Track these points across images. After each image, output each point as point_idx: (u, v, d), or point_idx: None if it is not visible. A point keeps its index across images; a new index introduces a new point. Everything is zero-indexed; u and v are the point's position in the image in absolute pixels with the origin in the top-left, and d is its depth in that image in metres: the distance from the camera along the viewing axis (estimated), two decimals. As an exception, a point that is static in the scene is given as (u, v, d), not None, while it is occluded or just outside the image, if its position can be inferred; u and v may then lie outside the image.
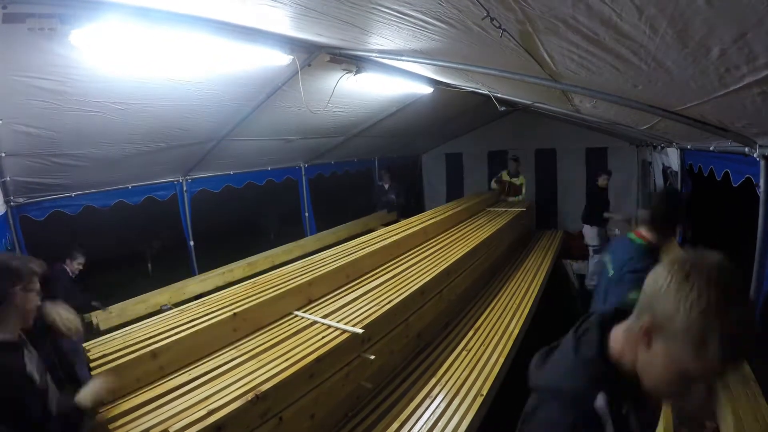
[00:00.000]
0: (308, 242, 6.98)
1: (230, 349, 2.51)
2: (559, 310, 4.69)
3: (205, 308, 2.73)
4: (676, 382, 0.87)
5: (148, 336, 2.36)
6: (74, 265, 4.68)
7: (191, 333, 2.40)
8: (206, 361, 2.39)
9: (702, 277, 0.80)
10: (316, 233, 7.43)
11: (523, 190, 8.11)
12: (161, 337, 2.35)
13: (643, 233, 2.36)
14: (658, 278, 0.87)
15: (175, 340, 2.32)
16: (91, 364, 2.06)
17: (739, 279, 0.82)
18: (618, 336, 0.98)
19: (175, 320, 2.56)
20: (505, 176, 8.26)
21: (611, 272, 2.37)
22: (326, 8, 1.95)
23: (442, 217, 5.53)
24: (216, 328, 2.52)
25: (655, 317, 0.86)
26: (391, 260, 4.08)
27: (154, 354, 2.22)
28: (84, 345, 2.30)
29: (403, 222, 5.34)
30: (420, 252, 4.42)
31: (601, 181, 6.87)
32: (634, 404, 0.93)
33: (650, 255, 2.24)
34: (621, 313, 1.02)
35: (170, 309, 3.10)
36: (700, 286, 0.79)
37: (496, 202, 7.42)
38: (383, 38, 2.38)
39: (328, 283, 3.35)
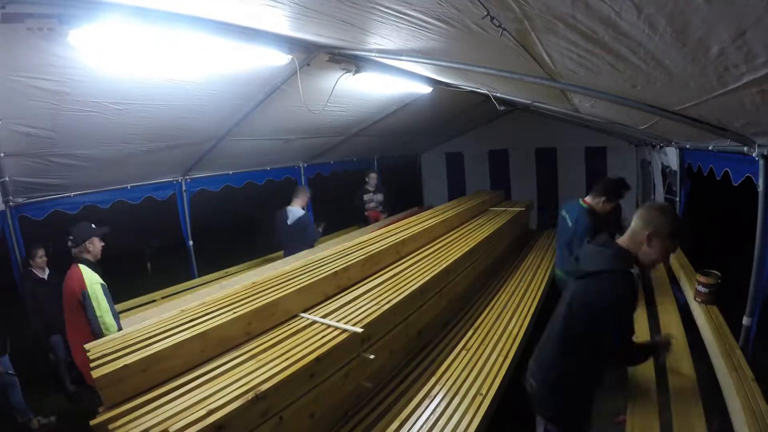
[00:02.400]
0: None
1: (231, 350, 2.51)
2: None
3: (212, 307, 2.73)
4: (663, 257, 1.99)
5: (147, 336, 2.35)
6: (38, 261, 4.34)
7: (194, 335, 2.39)
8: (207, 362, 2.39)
9: (670, 212, 1.99)
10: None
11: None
12: (160, 339, 2.33)
13: (588, 200, 3.76)
14: (648, 213, 1.97)
15: (177, 343, 2.31)
16: (91, 365, 2.05)
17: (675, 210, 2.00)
18: (625, 241, 2.02)
19: (175, 321, 2.55)
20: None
21: (570, 223, 3.78)
22: (325, 8, 1.95)
23: (445, 216, 5.55)
24: (227, 329, 2.53)
25: (654, 229, 1.92)
26: (392, 262, 4.08)
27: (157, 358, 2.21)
28: (85, 346, 2.29)
29: (403, 222, 5.32)
30: (422, 252, 4.42)
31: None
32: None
33: (590, 215, 3.61)
34: (612, 235, 2.14)
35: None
36: (671, 215, 1.96)
37: (498, 202, 7.39)
38: (382, 38, 2.38)
39: (330, 287, 3.35)
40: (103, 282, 3.19)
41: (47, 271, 4.42)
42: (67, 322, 3.23)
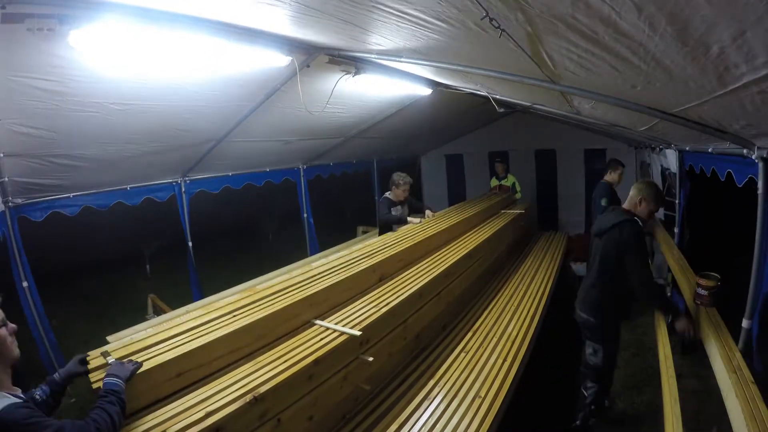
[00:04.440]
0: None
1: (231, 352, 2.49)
2: (561, 311, 4.68)
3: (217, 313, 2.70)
4: (649, 214, 3.26)
5: (151, 344, 2.32)
6: None
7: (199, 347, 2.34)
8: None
9: (653, 186, 3.31)
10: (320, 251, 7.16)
11: (517, 188, 8.16)
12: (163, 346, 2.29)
13: (606, 177, 5.72)
14: (642, 186, 3.26)
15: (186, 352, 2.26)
16: (90, 376, 2.01)
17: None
18: (627, 205, 3.29)
19: (179, 327, 2.51)
20: (494, 182, 8.29)
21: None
22: (325, 8, 1.95)
23: (467, 215, 5.59)
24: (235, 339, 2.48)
25: (644, 196, 3.20)
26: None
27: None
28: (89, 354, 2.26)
29: (410, 227, 5.31)
30: (429, 255, 4.41)
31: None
32: None
33: (609, 186, 5.62)
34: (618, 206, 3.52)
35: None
36: (655, 187, 3.30)
37: (509, 205, 7.39)
38: (382, 37, 2.38)
39: (344, 295, 3.31)
40: None
41: None
42: None
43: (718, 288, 3.12)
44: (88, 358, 2.04)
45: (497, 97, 4.31)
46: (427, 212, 5.72)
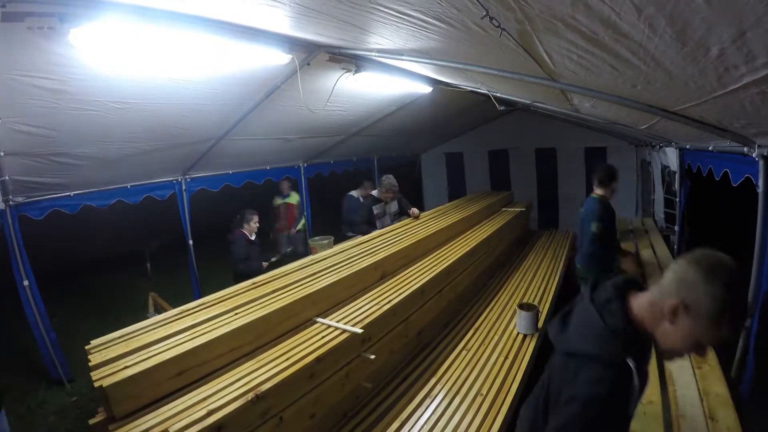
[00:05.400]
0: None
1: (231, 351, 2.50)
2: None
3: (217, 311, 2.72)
4: (689, 347, 1.19)
5: (151, 342, 2.33)
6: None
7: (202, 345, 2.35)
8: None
9: (723, 276, 1.11)
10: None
11: (303, 220, 7.47)
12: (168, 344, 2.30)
13: (597, 191, 4.00)
14: (687, 270, 1.16)
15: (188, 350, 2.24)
16: (92, 373, 2.03)
17: (741, 277, 1.15)
18: (642, 307, 1.26)
19: (178, 326, 2.53)
20: (277, 200, 7.44)
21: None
22: (325, 7, 1.95)
23: (467, 214, 5.59)
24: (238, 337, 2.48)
25: (684, 300, 1.14)
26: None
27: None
28: (86, 347, 2.27)
29: (408, 221, 5.32)
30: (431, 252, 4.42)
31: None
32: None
33: (600, 202, 3.90)
34: (630, 282, 1.36)
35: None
36: (722, 283, 1.10)
37: (509, 202, 7.39)
38: (382, 37, 2.38)
39: (345, 292, 3.31)
40: None
41: None
42: None
43: None
44: (89, 356, 2.05)
45: (497, 95, 4.31)
46: (413, 210, 5.59)
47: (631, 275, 1.42)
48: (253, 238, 5.25)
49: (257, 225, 5.29)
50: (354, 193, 6.61)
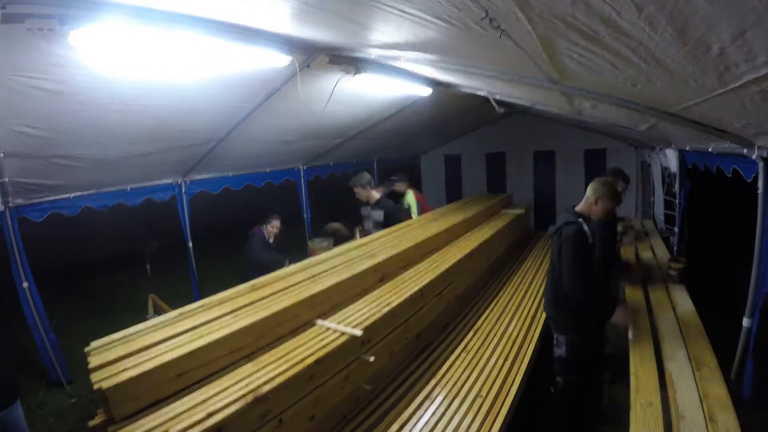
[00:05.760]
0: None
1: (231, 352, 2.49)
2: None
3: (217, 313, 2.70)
4: (607, 213, 3.13)
5: (150, 344, 2.32)
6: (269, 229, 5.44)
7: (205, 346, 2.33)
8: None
9: (610, 183, 3.17)
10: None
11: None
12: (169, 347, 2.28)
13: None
14: (597, 185, 3.12)
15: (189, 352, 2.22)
16: (91, 375, 2.02)
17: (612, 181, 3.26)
18: (580, 205, 3.19)
19: (178, 328, 2.51)
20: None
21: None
22: (325, 5, 1.96)
23: (466, 216, 5.58)
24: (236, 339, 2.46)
25: (598, 195, 3.08)
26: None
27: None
28: (86, 349, 2.26)
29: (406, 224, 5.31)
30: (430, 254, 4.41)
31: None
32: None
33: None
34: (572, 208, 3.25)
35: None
36: (612, 185, 3.15)
37: (508, 205, 7.39)
38: (382, 36, 2.38)
39: (345, 294, 3.29)
40: None
41: None
42: None
43: (685, 268, 4.08)
44: (89, 358, 2.04)
45: (497, 97, 4.32)
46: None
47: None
48: (270, 240, 5.41)
49: (275, 230, 5.45)
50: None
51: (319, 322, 2.85)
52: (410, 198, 6.60)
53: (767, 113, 1.68)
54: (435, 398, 2.83)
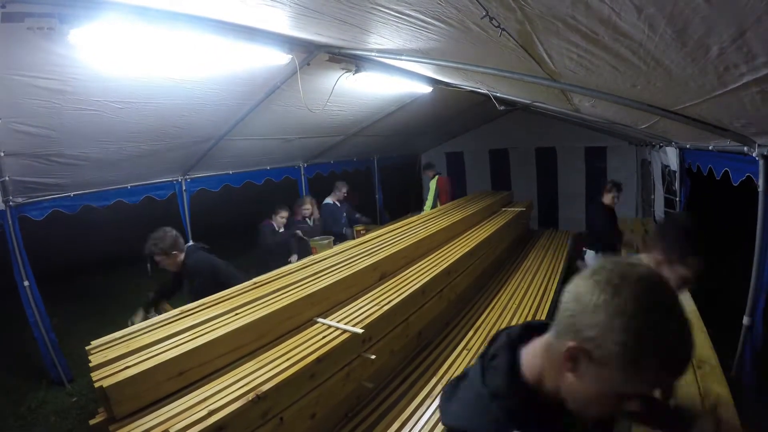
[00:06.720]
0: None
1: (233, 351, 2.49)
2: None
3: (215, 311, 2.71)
4: (610, 404, 0.79)
5: (151, 342, 2.32)
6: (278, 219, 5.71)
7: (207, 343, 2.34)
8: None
9: (633, 292, 0.71)
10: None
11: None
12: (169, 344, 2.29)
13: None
14: (583, 293, 0.76)
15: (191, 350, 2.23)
16: (92, 374, 2.02)
17: (672, 291, 0.74)
18: (534, 357, 0.87)
19: (179, 326, 2.52)
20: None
21: None
22: (325, 8, 1.95)
23: (466, 214, 5.58)
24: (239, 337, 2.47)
25: (582, 340, 0.75)
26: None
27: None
28: (87, 348, 2.27)
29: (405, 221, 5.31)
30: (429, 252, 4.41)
31: (608, 197, 5.13)
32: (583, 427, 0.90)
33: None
34: (530, 328, 0.96)
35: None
36: (634, 307, 0.70)
37: (508, 202, 7.39)
38: (382, 37, 2.38)
39: (345, 293, 3.30)
40: None
41: None
42: None
43: None
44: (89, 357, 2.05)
45: (497, 95, 4.31)
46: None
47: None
48: (280, 230, 5.72)
49: (284, 220, 5.72)
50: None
51: (320, 320, 2.86)
52: (432, 183, 7.79)
53: (767, 113, 1.68)
54: (436, 396, 2.83)
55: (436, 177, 7.85)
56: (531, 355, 0.88)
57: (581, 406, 0.82)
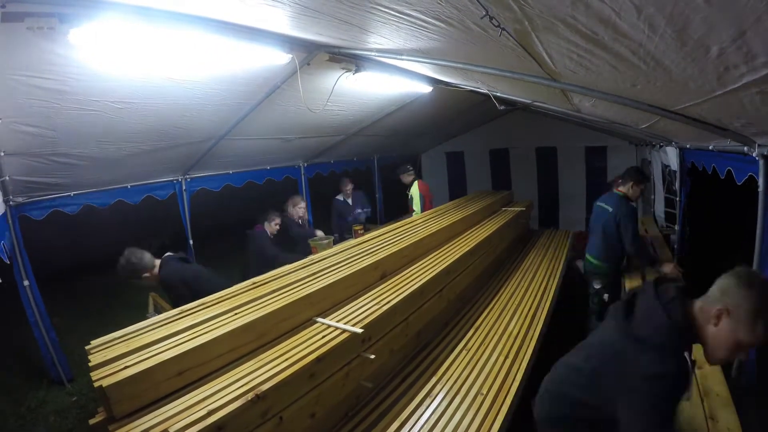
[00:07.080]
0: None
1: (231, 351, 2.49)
2: (565, 310, 4.68)
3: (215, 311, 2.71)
4: (732, 347, 1.44)
5: (151, 342, 2.32)
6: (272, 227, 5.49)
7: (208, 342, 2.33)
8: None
9: (758, 285, 1.40)
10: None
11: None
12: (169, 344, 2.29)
13: (621, 188, 4.47)
14: (729, 281, 1.46)
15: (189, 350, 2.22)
16: (92, 373, 2.02)
17: None
18: (696, 311, 1.52)
19: (178, 326, 2.52)
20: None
21: (610, 209, 4.41)
22: (325, 8, 1.95)
23: (466, 213, 5.56)
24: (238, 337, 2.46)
25: (727, 305, 1.42)
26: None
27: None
28: (86, 347, 2.27)
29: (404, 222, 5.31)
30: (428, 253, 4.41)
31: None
32: None
33: (626, 200, 4.37)
34: (685, 289, 1.61)
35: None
36: (759, 292, 1.38)
37: (509, 202, 7.39)
38: (382, 37, 2.38)
39: (345, 292, 3.29)
40: None
41: None
42: None
43: (684, 273, 4.02)
44: (89, 356, 2.05)
45: (498, 94, 4.31)
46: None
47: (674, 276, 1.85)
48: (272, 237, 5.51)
49: (278, 227, 5.50)
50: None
51: (320, 319, 2.86)
52: (414, 190, 6.99)
53: (767, 114, 1.67)
54: (435, 396, 2.83)
55: (417, 182, 7.03)
56: (694, 309, 1.53)
57: (713, 349, 1.48)
